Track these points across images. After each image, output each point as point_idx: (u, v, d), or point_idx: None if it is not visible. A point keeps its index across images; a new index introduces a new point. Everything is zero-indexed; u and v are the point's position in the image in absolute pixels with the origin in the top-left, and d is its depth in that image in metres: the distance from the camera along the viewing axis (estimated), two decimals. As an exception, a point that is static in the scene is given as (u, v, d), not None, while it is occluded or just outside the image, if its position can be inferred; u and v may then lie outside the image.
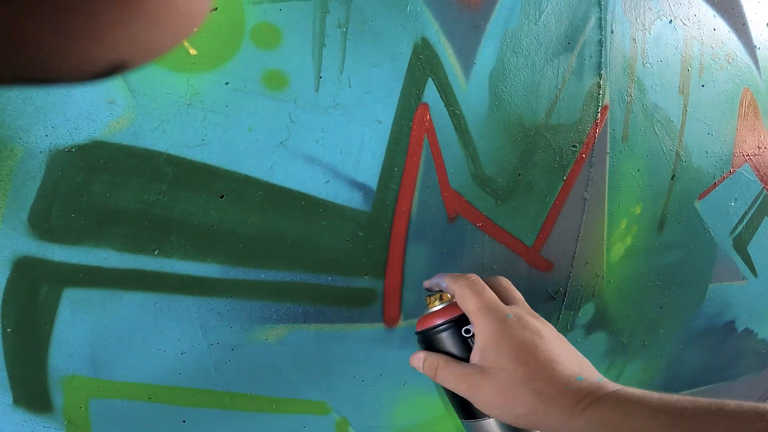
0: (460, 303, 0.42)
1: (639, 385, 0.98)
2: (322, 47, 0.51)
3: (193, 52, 0.47)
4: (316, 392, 0.61)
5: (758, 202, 0.89)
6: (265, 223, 0.52)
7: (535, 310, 0.44)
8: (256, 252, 0.52)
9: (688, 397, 0.34)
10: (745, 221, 0.88)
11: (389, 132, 0.55)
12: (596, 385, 0.37)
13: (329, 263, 0.56)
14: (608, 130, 0.68)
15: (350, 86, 0.52)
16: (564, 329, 0.76)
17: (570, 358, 0.39)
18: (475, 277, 0.43)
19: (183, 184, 0.49)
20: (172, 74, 0.46)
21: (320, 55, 0.51)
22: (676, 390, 1.04)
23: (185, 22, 0.14)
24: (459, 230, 0.61)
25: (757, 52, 0.87)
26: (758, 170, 0.87)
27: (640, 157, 0.71)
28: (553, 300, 0.72)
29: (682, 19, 0.75)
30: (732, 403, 0.33)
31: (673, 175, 0.75)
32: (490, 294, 0.42)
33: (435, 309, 0.44)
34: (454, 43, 0.57)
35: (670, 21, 0.74)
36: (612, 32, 0.68)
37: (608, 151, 0.68)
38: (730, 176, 0.82)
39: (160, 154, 0.47)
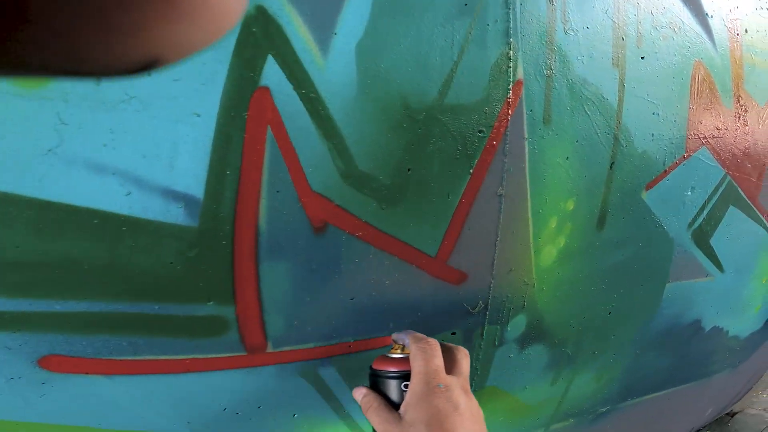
0: (411, 361, 0.44)
1: (594, 394, 0.82)
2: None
3: None
4: (178, 425, 0.45)
5: (721, 190, 0.72)
6: (45, 247, 0.36)
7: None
8: (41, 281, 0.37)
9: None
10: (705, 212, 0.71)
11: (213, 127, 0.39)
12: None
13: (151, 290, 0.40)
14: (524, 110, 0.52)
15: (149, 73, 0.37)
16: (491, 345, 0.60)
17: None
18: (433, 342, 0.45)
19: None
20: None
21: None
22: (639, 394, 0.88)
23: (221, 21, 0.13)
24: (331, 242, 0.45)
25: (710, 20, 0.70)
26: (719, 154, 0.70)
27: (569, 143, 0.55)
28: (472, 315, 0.56)
29: (615, -21, 0.59)
30: None
31: (612, 163, 0.59)
32: (436, 362, 0.44)
33: (393, 356, 0.47)
34: (303, 10, 0.41)
35: (600, -20, 0.58)
36: (524, -7, 0.52)
37: (526, 136, 0.52)
38: (684, 162, 0.66)
39: None
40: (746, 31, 0.76)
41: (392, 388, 0.46)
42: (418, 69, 0.46)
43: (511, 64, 0.50)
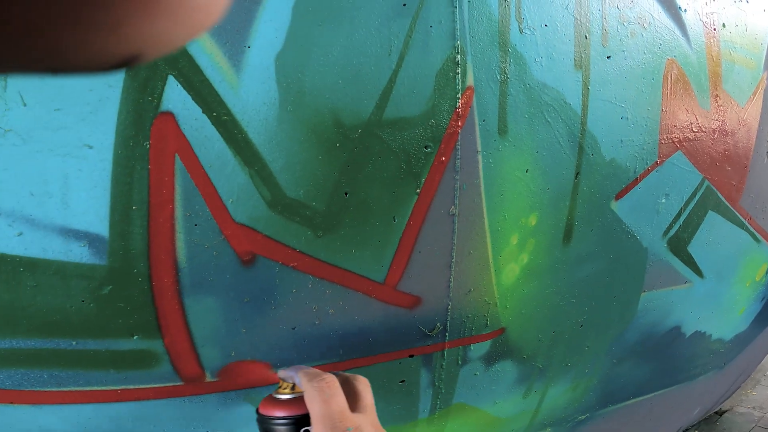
0: (307, 404, 0.37)
1: (570, 403, 0.76)
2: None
3: None
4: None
5: (698, 195, 0.65)
6: None
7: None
8: None
9: None
10: (681, 219, 0.64)
11: (111, 159, 0.33)
12: None
13: (65, 327, 0.34)
14: (476, 121, 0.45)
15: (25, 104, 0.31)
16: (454, 365, 0.54)
17: None
18: (330, 379, 0.38)
19: None
20: None
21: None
22: (619, 401, 0.82)
23: (202, 18, 0.12)
24: (262, 274, 0.39)
25: (683, 15, 0.63)
26: (695, 158, 0.63)
27: (528, 154, 0.48)
28: (430, 337, 0.50)
29: (577, -27, 0.52)
30: None
31: (578, 173, 0.52)
32: (339, 402, 0.37)
33: (282, 398, 0.38)
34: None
35: (560, -25, 0.51)
36: (473, -9, 0.45)
37: (479, 149, 0.45)
38: (657, 168, 0.59)
39: None
40: (724, 25, 0.68)
41: None
42: (351, 81, 0.39)
43: (459, 70, 0.43)
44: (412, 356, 0.51)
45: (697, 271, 0.71)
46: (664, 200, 0.61)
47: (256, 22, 0.36)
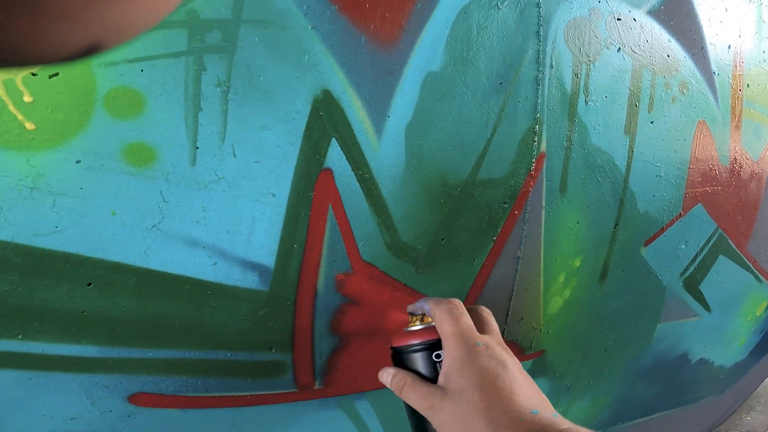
0: (437, 326, 0.50)
1: (588, 419, 1.09)
2: (197, 112, 0.50)
3: (30, 126, 0.45)
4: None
5: (712, 242, 0.97)
6: (145, 307, 0.52)
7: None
8: (138, 334, 0.54)
9: None
10: (697, 262, 0.96)
11: (285, 206, 0.56)
12: (549, 421, 0.43)
13: (226, 341, 0.57)
14: (544, 181, 0.72)
15: (235, 156, 0.52)
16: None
17: (528, 392, 0.46)
18: (457, 302, 0.51)
19: (39, 273, 0.49)
20: (6, 154, 0.45)
21: (196, 121, 0.50)
22: (629, 419, 1.15)
23: (160, 3, 0.15)
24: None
25: (716, 78, 0.93)
26: (712, 209, 0.94)
27: (580, 209, 0.76)
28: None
29: (632, 47, 0.79)
30: None
31: (617, 224, 0.81)
32: (467, 321, 0.50)
33: (413, 329, 0.52)
34: (362, 93, 0.58)
35: (619, 49, 0.78)
36: (551, 67, 0.71)
37: (544, 204, 0.72)
38: (680, 219, 0.89)
39: (4, 244, 0.47)
40: (748, 86, 0.99)
41: (421, 361, 0.50)
42: (456, 148, 0.64)
43: (536, 138, 0.70)
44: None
45: (706, 306, 1.03)
46: (683, 246, 0.91)
47: (395, 96, 0.59)
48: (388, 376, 0.52)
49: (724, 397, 1.40)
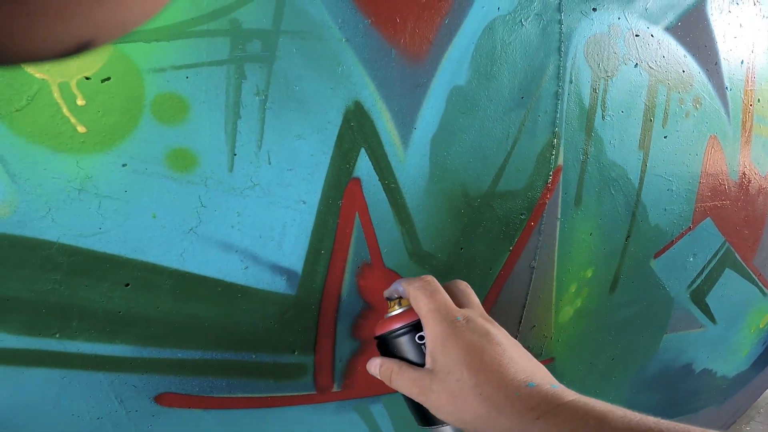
0: (413, 305, 0.49)
1: None
2: (236, 119, 0.54)
3: (81, 129, 0.49)
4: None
5: (719, 256, 1.03)
6: (178, 308, 0.57)
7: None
8: (170, 334, 0.58)
9: (652, 418, 0.41)
10: (704, 275, 1.02)
11: (315, 213, 0.60)
12: (551, 393, 0.43)
13: (252, 343, 0.62)
14: (560, 193, 0.77)
15: (270, 163, 0.57)
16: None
17: (520, 363, 0.45)
18: (430, 278, 0.51)
19: (81, 274, 0.53)
20: (58, 156, 0.49)
21: (234, 128, 0.54)
22: None
23: (149, 1, 0.17)
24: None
25: (728, 93, 0.99)
26: (720, 223, 1.00)
27: (593, 221, 0.81)
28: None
29: (649, 62, 0.85)
30: (697, 429, 0.39)
31: (628, 236, 0.86)
32: (442, 296, 0.49)
33: (392, 314, 0.53)
34: (391, 105, 0.62)
35: (636, 65, 0.83)
36: (571, 82, 0.76)
37: (559, 216, 0.77)
38: (690, 232, 0.94)
39: (50, 243, 0.51)
40: (759, 101, 1.05)
41: (405, 345, 0.49)
42: (478, 161, 0.69)
43: (554, 152, 0.74)
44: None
45: (711, 318, 1.09)
46: (691, 259, 0.97)
47: (422, 108, 0.64)
48: (375, 366, 0.51)
49: (724, 407, 1.46)
